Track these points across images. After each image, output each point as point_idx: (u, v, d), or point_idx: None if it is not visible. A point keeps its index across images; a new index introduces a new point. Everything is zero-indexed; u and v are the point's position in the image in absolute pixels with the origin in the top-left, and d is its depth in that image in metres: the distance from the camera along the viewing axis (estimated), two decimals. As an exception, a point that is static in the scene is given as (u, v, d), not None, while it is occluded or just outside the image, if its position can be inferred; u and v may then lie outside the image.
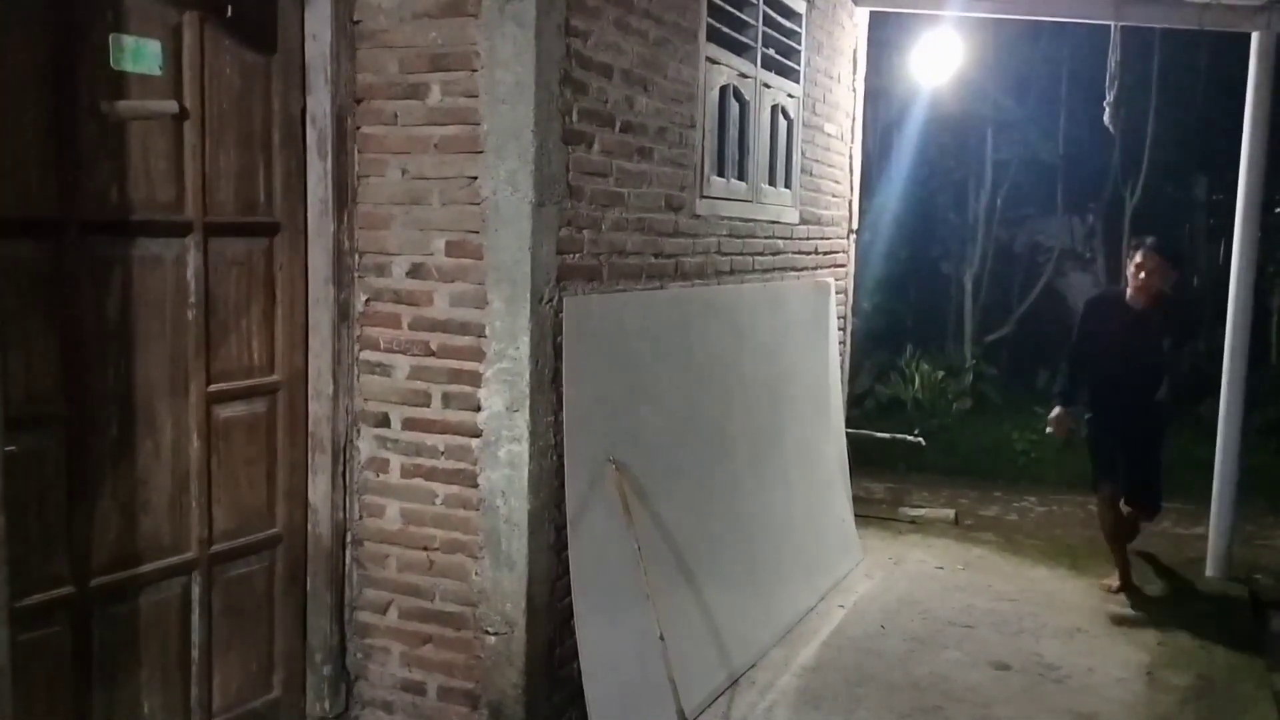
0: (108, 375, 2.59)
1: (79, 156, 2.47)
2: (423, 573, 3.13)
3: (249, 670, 3.04)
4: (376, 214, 3.10)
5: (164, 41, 2.64)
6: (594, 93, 3.14)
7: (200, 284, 2.78)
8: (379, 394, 3.15)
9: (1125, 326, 4.89)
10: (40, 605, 2.46)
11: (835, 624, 4.52)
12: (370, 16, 3.00)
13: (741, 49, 4.16)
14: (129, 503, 2.67)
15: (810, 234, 5.07)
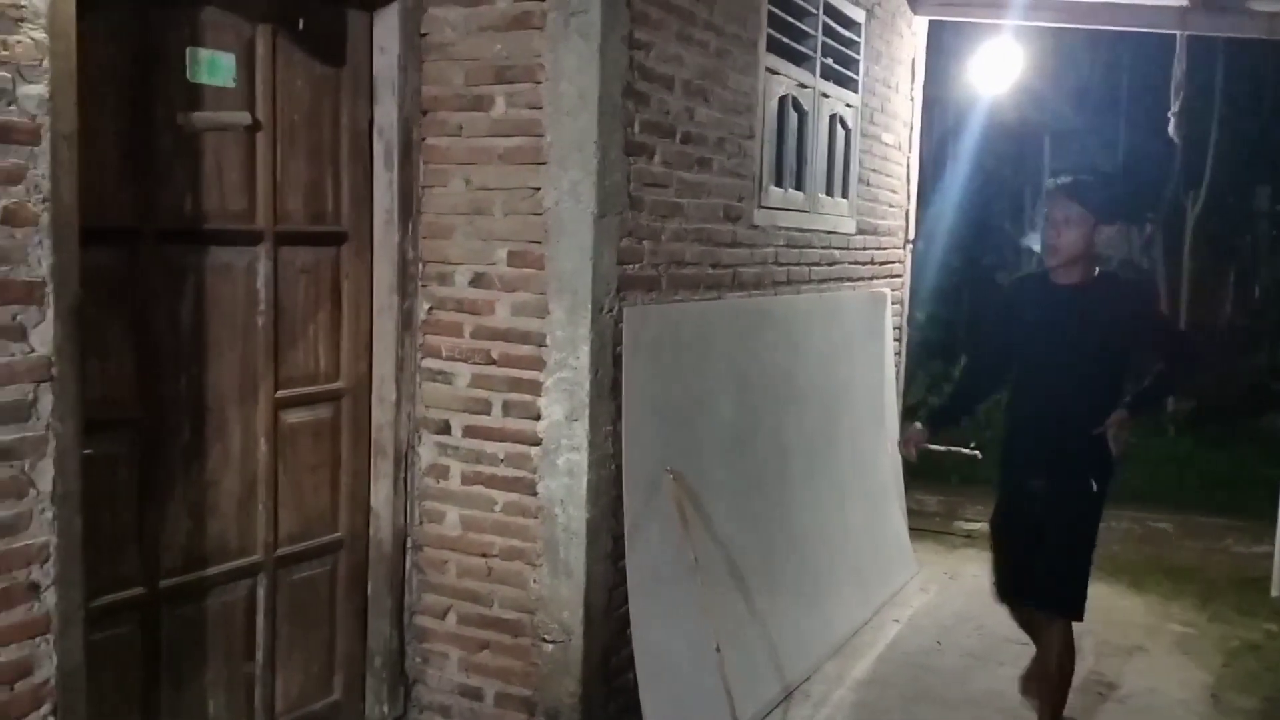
0: (180, 380, 2.65)
1: (156, 167, 2.54)
2: (481, 579, 3.16)
3: (310, 672, 3.09)
4: (440, 224, 3.13)
5: (238, 54, 2.70)
6: (655, 104, 3.16)
7: (270, 292, 2.83)
8: (440, 401, 3.18)
9: (1043, 318, 3.22)
10: (112, 605, 2.52)
11: (890, 638, 4.48)
12: (437, 29, 3.05)
13: (800, 59, 4.15)
14: (198, 505, 2.73)
15: (867, 244, 5.05)
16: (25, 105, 2.06)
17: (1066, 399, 3.17)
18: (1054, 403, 3.20)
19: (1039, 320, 3.25)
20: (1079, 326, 3.15)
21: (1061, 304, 3.21)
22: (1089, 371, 3.16)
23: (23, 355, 2.09)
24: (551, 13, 2.88)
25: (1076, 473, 3.19)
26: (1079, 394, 3.15)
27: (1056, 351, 3.20)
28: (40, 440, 2.14)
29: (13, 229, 2.05)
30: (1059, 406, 3.18)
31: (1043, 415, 3.23)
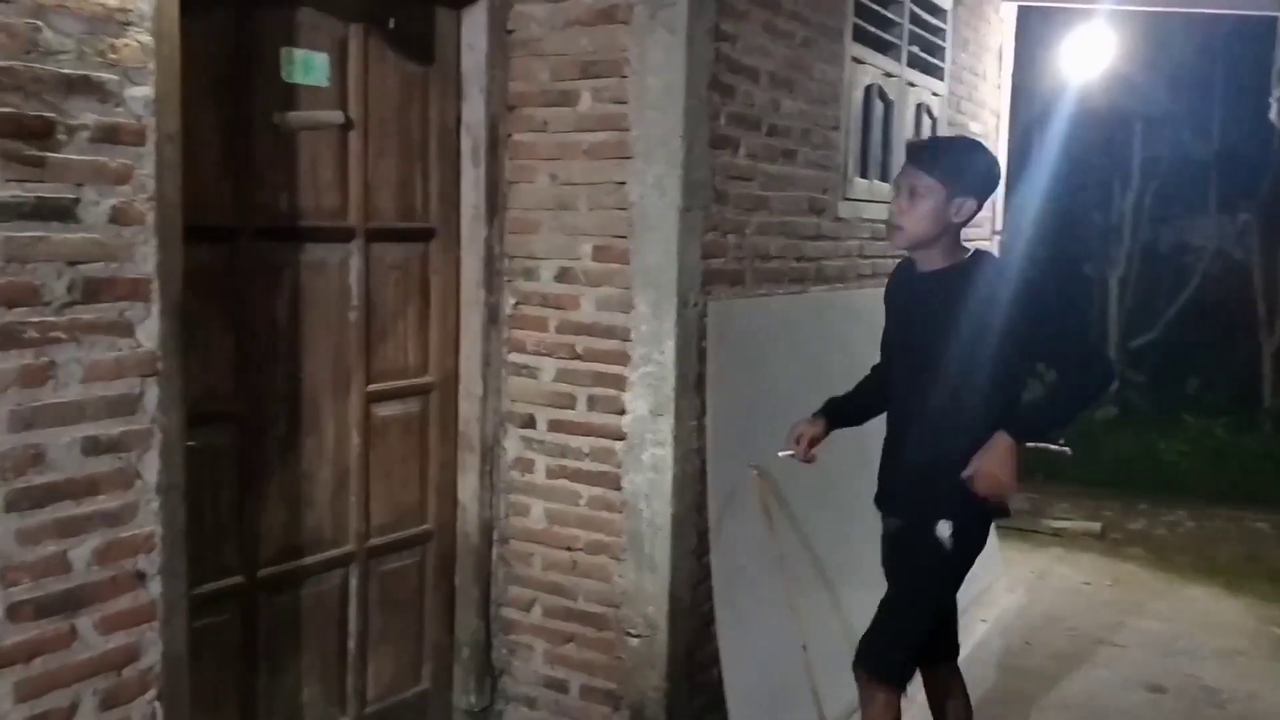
0: (277, 374, 2.71)
1: (254, 166, 2.59)
2: (566, 572, 3.17)
3: (401, 662, 3.14)
4: (525, 219, 3.15)
5: (331, 54, 2.74)
6: (741, 96, 3.13)
7: (361, 287, 2.88)
8: (525, 395, 3.21)
9: (903, 314, 2.67)
10: (212, 594, 2.59)
11: (978, 639, 4.40)
12: (523, 26, 3.06)
13: (886, 47, 4.08)
14: (294, 497, 2.79)
15: (953, 236, 4.94)
16: (132, 107, 2.12)
17: (924, 418, 2.52)
18: (910, 423, 2.57)
19: (900, 317, 2.67)
20: (937, 325, 2.48)
21: (920, 297, 2.56)
22: (951, 384, 2.45)
23: (130, 350, 2.16)
24: (638, 6, 2.87)
25: (923, 515, 2.52)
26: (939, 413, 2.49)
27: (913, 357, 2.57)
28: (146, 433, 2.20)
29: (120, 227, 2.12)
30: (915, 428, 2.56)
31: (900, 438, 2.63)
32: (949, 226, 2.48)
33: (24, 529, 2.03)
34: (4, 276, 1.95)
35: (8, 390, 1.98)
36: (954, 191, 2.44)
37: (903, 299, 2.67)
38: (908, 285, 2.65)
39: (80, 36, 2.02)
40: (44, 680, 2.08)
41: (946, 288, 2.48)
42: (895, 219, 2.53)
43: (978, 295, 2.43)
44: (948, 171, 2.45)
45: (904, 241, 2.54)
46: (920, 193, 2.46)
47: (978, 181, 2.49)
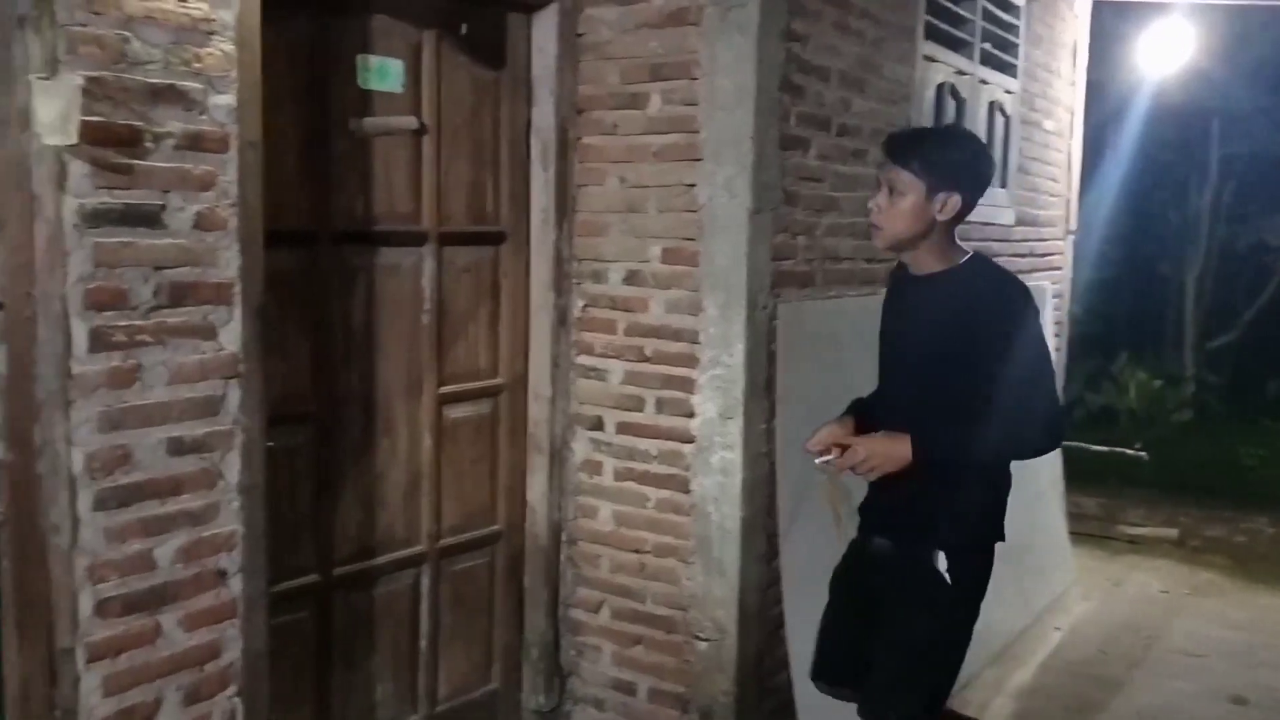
0: (352, 376, 2.75)
1: (330, 171, 2.64)
2: (634, 575, 3.17)
3: (471, 661, 3.17)
4: (594, 222, 3.16)
5: (405, 60, 2.77)
6: (811, 96, 3.11)
7: (434, 290, 2.91)
8: (594, 398, 3.21)
9: (894, 319, 2.46)
10: (290, 591, 2.63)
11: (1052, 646, 4.31)
12: (593, 29, 3.07)
13: (959, 45, 4.02)
14: (368, 497, 2.83)
15: (1026, 235, 4.86)
16: (215, 115, 2.17)
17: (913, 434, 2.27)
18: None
19: (891, 322, 2.45)
20: (925, 332, 2.30)
21: (911, 304, 2.36)
22: (944, 396, 2.24)
23: (213, 353, 2.21)
24: (709, 8, 2.86)
25: (919, 537, 2.31)
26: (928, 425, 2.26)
27: (905, 367, 2.38)
28: (228, 434, 2.25)
29: (204, 233, 2.17)
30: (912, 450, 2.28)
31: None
32: (934, 224, 2.25)
33: (111, 527, 2.08)
34: (94, 281, 2.01)
35: (97, 391, 2.03)
36: (935, 186, 2.21)
37: (896, 307, 2.44)
38: (901, 292, 2.43)
39: (166, 46, 2.07)
40: (130, 675, 2.14)
41: (939, 294, 2.28)
42: (874, 218, 2.31)
43: (965, 303, 2.22)
44: (927, 165, 2.22)
45: (883, 242, 2.33)
46: (899, 189, 2.24)
47: (961, 174, 2.24)
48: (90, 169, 1.98)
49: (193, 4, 2.10)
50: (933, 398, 2.26)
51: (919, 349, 2.31)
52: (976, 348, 2.18)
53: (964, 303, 2.22)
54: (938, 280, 2.29)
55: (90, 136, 1.96)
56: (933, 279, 2.31)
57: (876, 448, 2.25)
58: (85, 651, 2.07)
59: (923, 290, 2.32)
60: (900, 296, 2.43)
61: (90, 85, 1.95)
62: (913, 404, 2.31)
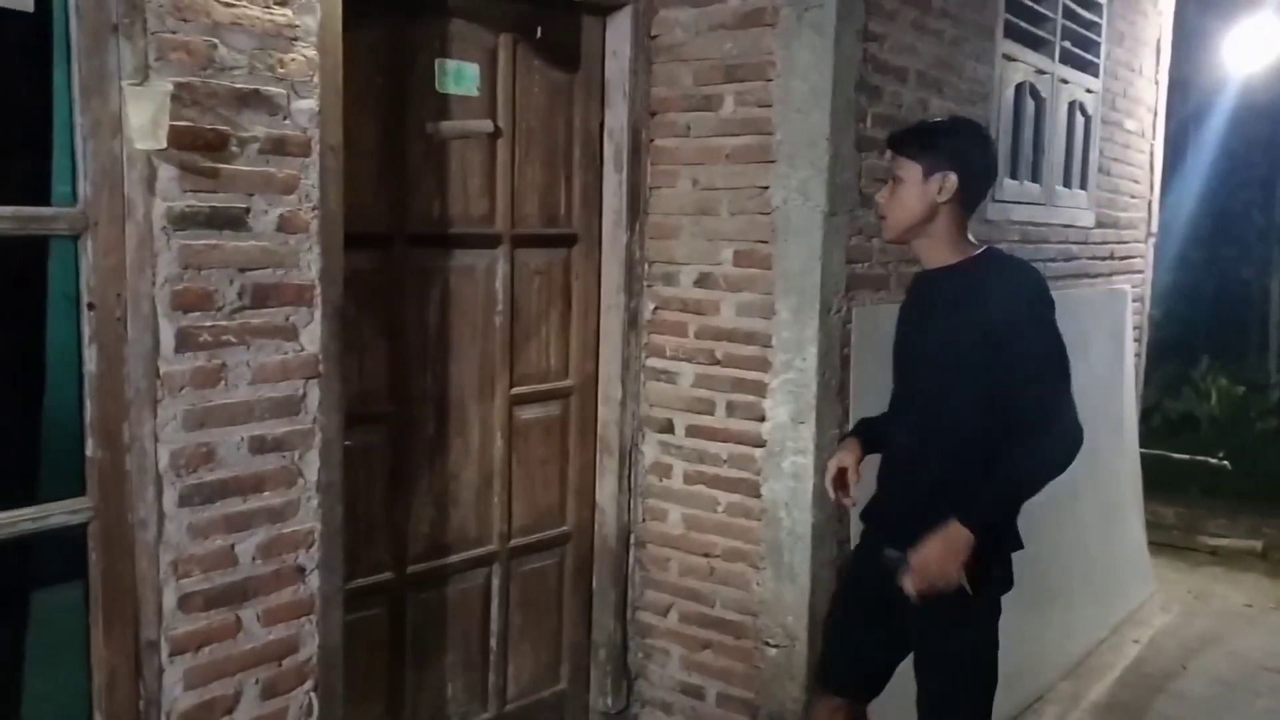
0: (426, 377, 2.78)
1: (407, 175, 2.66)
2: (703, 578, 3.16)
3: (540, 661, 3.18)
4: (666, 224, 3.15)
5: (481, 64, 2.79)
6: (888, 97, 3.06)
7: (506, 292, 2.93)
8: (664, 400, 3.20)
9: (911, 317, 2.39)
10: (364, 589, 2.67)
11: (1130, 660, 4.20)
12: (667, 31, 3.06)
13: (1038, 44, 3.94)
14: (441, 496, 2.86)
15: (1106, 238, 4.74)
16: (298, 119, 2.20)
17: (929, 437, 2.23)
18: (915, 441, 2.28)
19: (908, 320, 2.39)
20: (940, 328, 2.24)
21: (927, 300, 2.32)
22: (956, 399, 2.18)
23: (294, 353, 2.25)
24: (784, 9, 2.84)
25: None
26: (945, 432, 2.20)
27: (917, 364, 2.32)
28: (308, 433, 2.29)
29: (287, 235, 2.21)
30: (920, 447, 2.26)
31: (905, 457, 2.32)
32: (935, 206, 2.21)
33: (195, 523, 2.13)
34: (181, 282, 2.06)
35: (183, 390, 2.08)
36: (930, 167, 2.20)
37: (912, 311, 2.38)
38: (918, 295, 2.39)
39: (252, 52, 2.11)
40: (211, 669, 2.18)
41: (953, 289, 2.23)
42: (880, 209, 2.34)
43: (981, 296, 2.17)
44: (921, 148, 2.23)
45: (891, 230, 2.31)
46: (900, 176, 2.25)
47: (956, 153, 2.21)
48: (178, 172, 2.03)
49: (277, 10, 2.14)
50: (964, 393, 2.17)
51: (933, 348, 2.25)
52: (990, 341, 2.12)
53: (977, 295, 2.17)
54: (951, 274, 2.25)
55: (179, 141, 2.00)
56: (946, 274, 2.26)
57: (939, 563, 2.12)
58: (169, 644, 2.11)
59: (937, 287, 2.28)
60: (916, 300, 2.39)
61: (179, 90, 2.00)
62: (926, 408, 2.25)
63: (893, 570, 2.24)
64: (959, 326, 2.18)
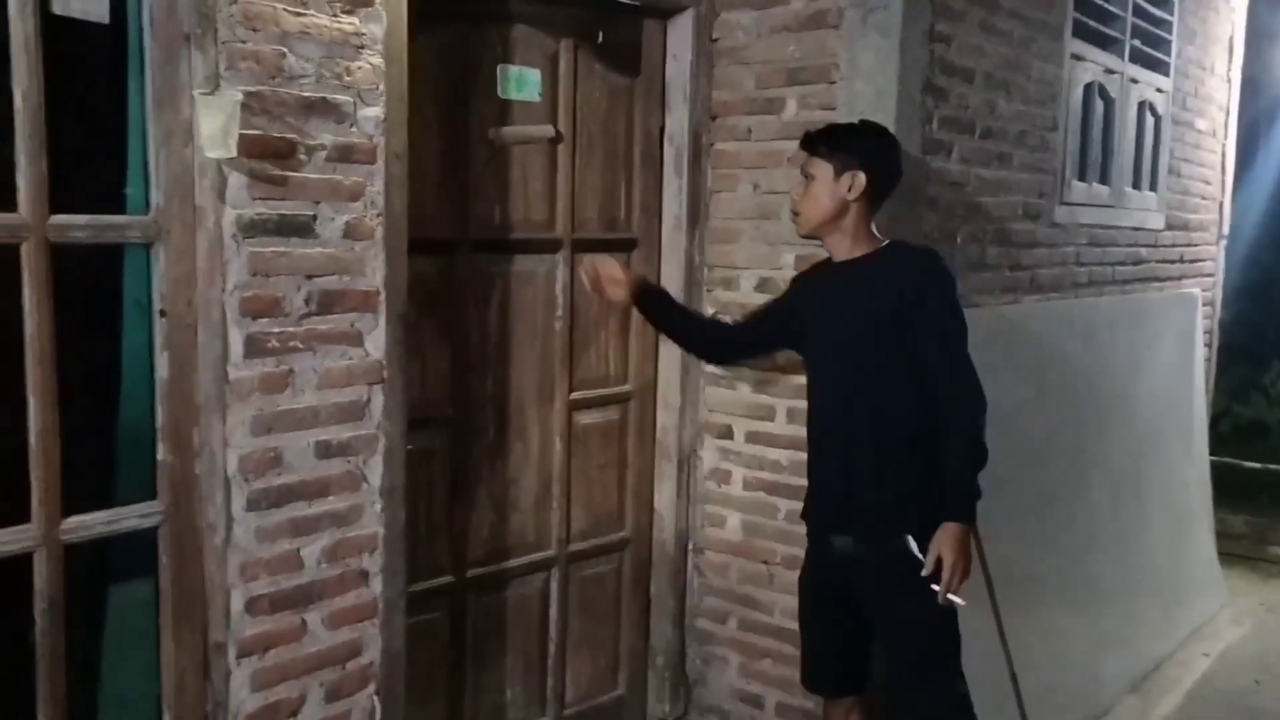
0: (487, 381, 2.79)
1: (469, 181, 2.67)
2: (763, 586, 3.13)
3: (597, 666, 3.17)
4: (726, 228, 3.13)
5: (543, 69, 2.79)
6: (954, 99, 3.01)
7: (566, 298, 2.92)
8: (723, 406, 3.18)
9: (819, 308, 2.49)
10: (425, 592, 2.68)
11: (1199, 674, 4.08)
12: (728, 34, 3.04)
13: (1107, 43, 3.85)
14: (501, 501, 2.86)
15: (1176, 240, 4.62)
16: (364, 127, 2.21)
17: (858, 421, 2.37)
18: (844, 427, 2.41)
19: (813, 316, 2.51)
20: (855, 315, 2.39)
21: (837, 291, 2.44)
22: (879, 379, 2.35)
23: (359, 359, 2.26)
24: (849, 10, 2.80)
25: (884, 527, 2.36)
26: (874, 410, 2.36)
27: (833, 352, 2.45)
28: (372, 438, 2.30)
29: (353, 242, 2.22)
30: (852, 433, 2.39)
31: (836, 446, 2.44)
32: (845, 205, 2.38)
33: (263, 527, 2.15)
34: (250, 289, 2.08)
35: (251, 396, 2.10)
36: (840, 166, 2.37)
37: (817, 299, 2.51)
38: (820, 284, 2.52)
39: (320, 60, 2.13)
40: (277, 671, 2.20)
41: (865, 276, 2.40)
42: (792, 205, 2.50)
43: (898, 280, 2.35)
44: (831, 147, 2.39)
45: (804, 226, 2.47)
46: (811, 174, 2.42)
47: (864, 153, 2.38)
48: (248, 180, 2.05)
49: (345, 19, 2.15)
50: (887, 376, 2.36)
51: (850, 335, 2.40)
52: (903, 319, 2.32)
53: (891, 280, 2.35)
54: (862, 264, 2.42)
55: (248, 149, 2.02)
56: (856, 264, 2.43)
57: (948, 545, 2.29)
58: (236, 647, 2.14)
59: (849, 275, 2.43)
60: (821, 288, 2.51)
61: (249, 99, 2.01)
62: (853, 386, 2.40)
63: (845, 557, 2.42)
64: (873, 310, 2.36)
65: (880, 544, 2.37)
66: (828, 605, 2.54)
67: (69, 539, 1.93)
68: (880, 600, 2.41)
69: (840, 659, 2.57)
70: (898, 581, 2.34)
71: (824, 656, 2.59)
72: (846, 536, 2.42)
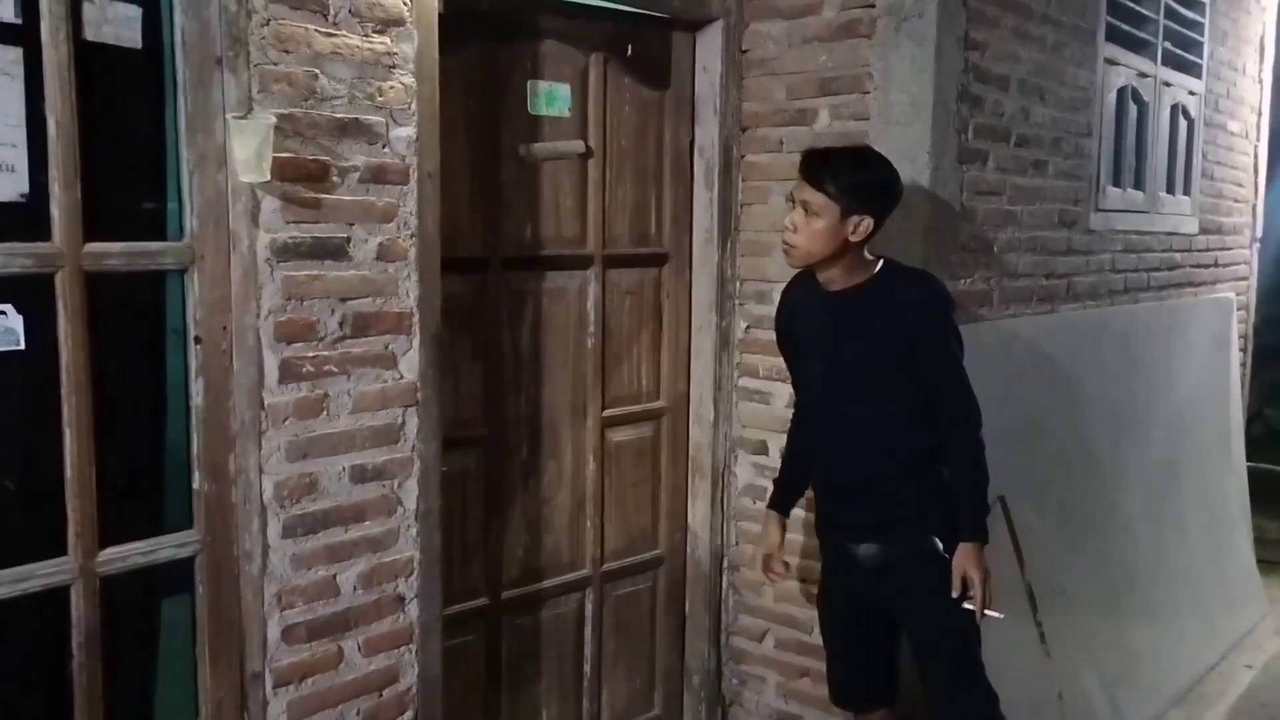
0: (520, 400, 2.76)
1: (500, 198, 2.64)
2: (800, 604, 3.08)
3: (633, 686, 3.13)
4: (758, 241, 3.09)
5: (572, 84, 2.76)
6: (990, 107, 2.96)
7: (598, 313, 2.89)
8: (757, 421, 3.14)
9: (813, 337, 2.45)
10: (461, 615, 2.65)
11: (1243, 687, 4.00)
12: (759, 45, 3.00)
13: (1140, 46, 3.79)
14: (535, 520, 2.83)
15: (1210, 244, 4.55)
16: (396, 147, 2.19)
17: (860, 441, 2.38)
18: (849, 448, 2.40)
19: (811, 337, 2.46)
20: (853, 342, 2.34)
21: (831, 317, 2.37)
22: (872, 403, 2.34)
23: (393, 381, 2.23)
24: (882, 19, 2.76)
25: (912, 531, 2.36)
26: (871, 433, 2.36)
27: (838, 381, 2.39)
28: (407, 461, 2.27)
29: (386, 263, 2.19)
30: (855, 452, 2.39)
31: (841, 461, 2.43)
32: (847, 245, 2.29)
33: (298, 554, 2.13)
34: (284, 314, 2.05)
35: (287, 421, 2.08)
36: (848, 210, 2.25)
37: (810, 321, 2.44)
38: (815, 306, 2.42)
39: (351, 81, 2.11)
40: (314, 700, 2.18)
41: (865, 306, 2.32)
42: (786, 237, 2.33)
43: (900, 309, 2.30)
44: (842, 189, 2.25)
45: (798, 262, 2.37)
46: (814, 210, 2.26)
47: (874, 198, 2.28)
48: (281, 204, 2.03)
49: (376, 39, 2.13)
50: (880, 407, 2.34)
51: (859, 361, 2.34)
52: (915, 350, 2.29)
53: (893, 309, 2.29)
54: (859, 293, 2.34)
55: (281, 172, 2.00)
56: (851, 293, 2.35)
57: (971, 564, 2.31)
58: (273, 676, 2.11)
59: (845, 304, 2.35)
60: (817, 311, 2.42)
61: (282, 122, 1.99)
62: (857, 416, 2.37)
63: (872, 565, 2.40)
64: (875, 340, 2.31)
65: (909, 546, 2.37)
66: (854, 617, 2.52)
67: (105, 571, 1.91)
68: (912, 604, 2.41)
69: (870, 670, 2.55)
70: (928, 583, 2.34)
71: (854, 669, 2.57)
72: (872, 544, 2.41)
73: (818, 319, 2.43)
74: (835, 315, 2.37)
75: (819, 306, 2.41)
